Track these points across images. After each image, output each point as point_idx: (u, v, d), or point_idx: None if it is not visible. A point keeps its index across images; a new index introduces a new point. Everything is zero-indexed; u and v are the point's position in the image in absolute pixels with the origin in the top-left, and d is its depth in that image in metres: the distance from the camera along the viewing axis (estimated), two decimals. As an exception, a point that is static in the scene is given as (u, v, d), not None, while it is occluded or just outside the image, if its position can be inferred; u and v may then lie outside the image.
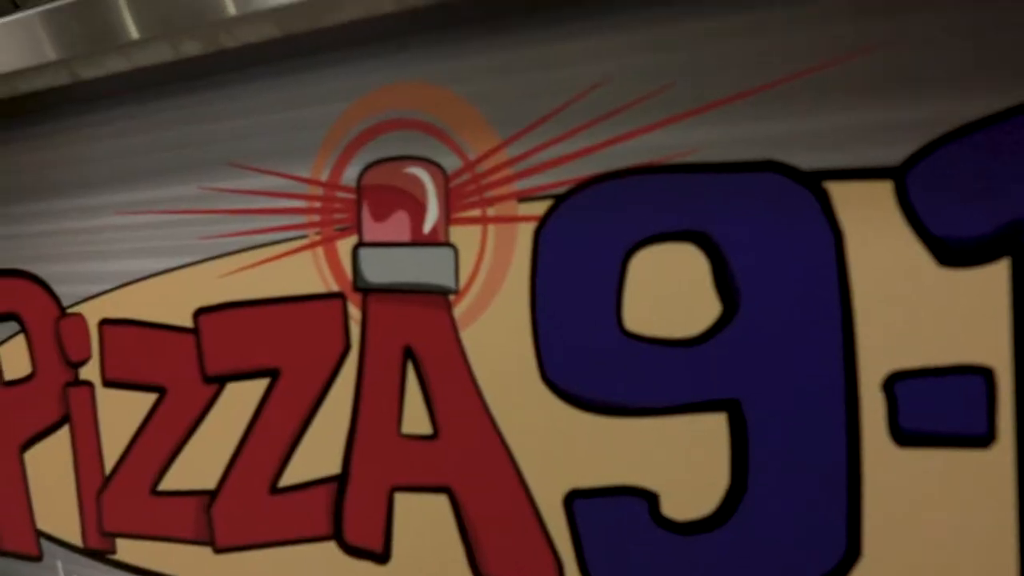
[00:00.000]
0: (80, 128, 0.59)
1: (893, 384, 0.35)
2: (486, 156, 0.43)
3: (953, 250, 0.34)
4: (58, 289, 0.63)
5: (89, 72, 0.54)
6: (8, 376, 0.67)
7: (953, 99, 0.34)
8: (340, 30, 0.47)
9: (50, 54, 0.52)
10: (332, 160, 0.48)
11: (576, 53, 0.41)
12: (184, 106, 0.54)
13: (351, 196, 0.48)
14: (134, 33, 0.48)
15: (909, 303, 0.35)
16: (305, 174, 0.49)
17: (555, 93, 0.41)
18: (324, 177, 0.49)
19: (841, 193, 0.36)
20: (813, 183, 0.36)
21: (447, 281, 0.45)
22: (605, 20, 0.40)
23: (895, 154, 0.35)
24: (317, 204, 0.49)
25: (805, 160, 0.36)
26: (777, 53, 0.36)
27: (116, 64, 0.52)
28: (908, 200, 0.34)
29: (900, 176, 0.34)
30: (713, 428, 0.39)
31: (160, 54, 0.50)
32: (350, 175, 0.48)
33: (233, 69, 0.51)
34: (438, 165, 0.45)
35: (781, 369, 0.37)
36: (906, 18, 0.34)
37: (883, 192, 0.35)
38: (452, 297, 0.45)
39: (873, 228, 0.35)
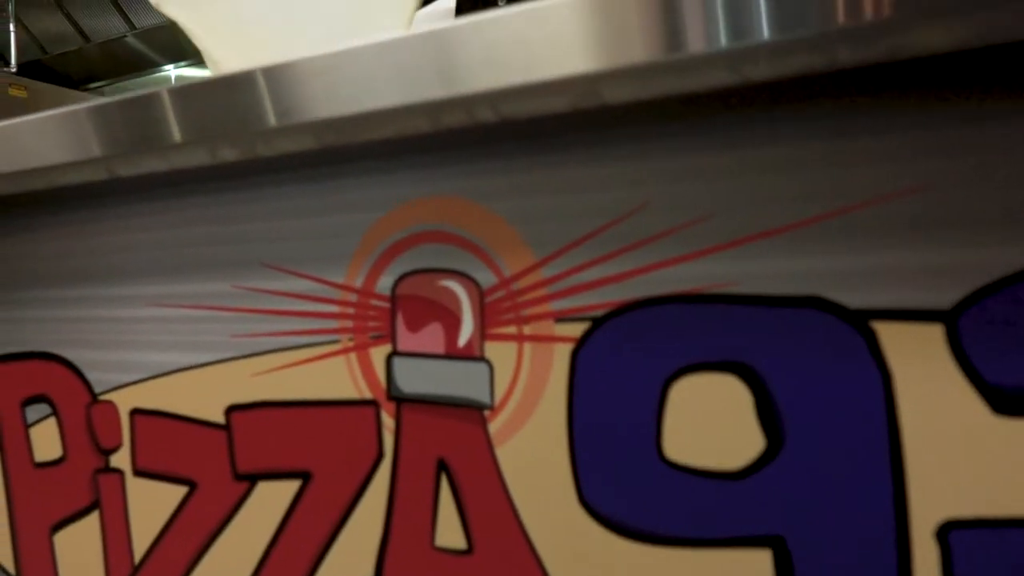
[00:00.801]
0: (115, 218, 0.59)
1: (947, 533, 0.34)
2: (521, 274, 0.43)
3: (1008, 399, 0.33)
4: (90, 375, 0.63)
5: (126, 171, 0.54)
6: (39, 458, 0.67)
7: (1006, 243, 0.33)
8: (377, 142, 0.47)
9: (94, 150, 0.52)
10: (366, 268, 0.48)
11: (614, 177, 0.40)
12: (218, 204, 0.54)
13: (385, 305, 0.48)
14: (177, 136, 0.48)
15: (963, 450, 0.34)
16: (339, 280, 0.49)
17: (592, 216, 0.41)
18: (358, 284, 0.48)
19: (889, 334, 0.35)
20: (860, 322, 0.35)
21: (482, 396, 0.45)
22: (644, 146, 0.39)
23: (945, 297, 0.34)
24: (351, 310, 0.49)
25: (851, 298, 0.35)
26: (821, 188, 0.36)
27: (153, 164, 0.52)
28: (960, 346, 0.34)
29: (951, 320, 0.34)
30: (757, 564, 0.38)
31: (196, 158, 0.50)
32: (384, 283, 0.47)
33: (269, 172, 0.51)
34: (473, 280, 0.45)
35: (828, 509, 0.36)
36: (956, 159, 0.33)
37: (933, 335, 0.34)
38: (487, 413, 0.45)
39: (923, 372, 0.34)
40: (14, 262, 0.67)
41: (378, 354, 0.48)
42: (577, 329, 0.42)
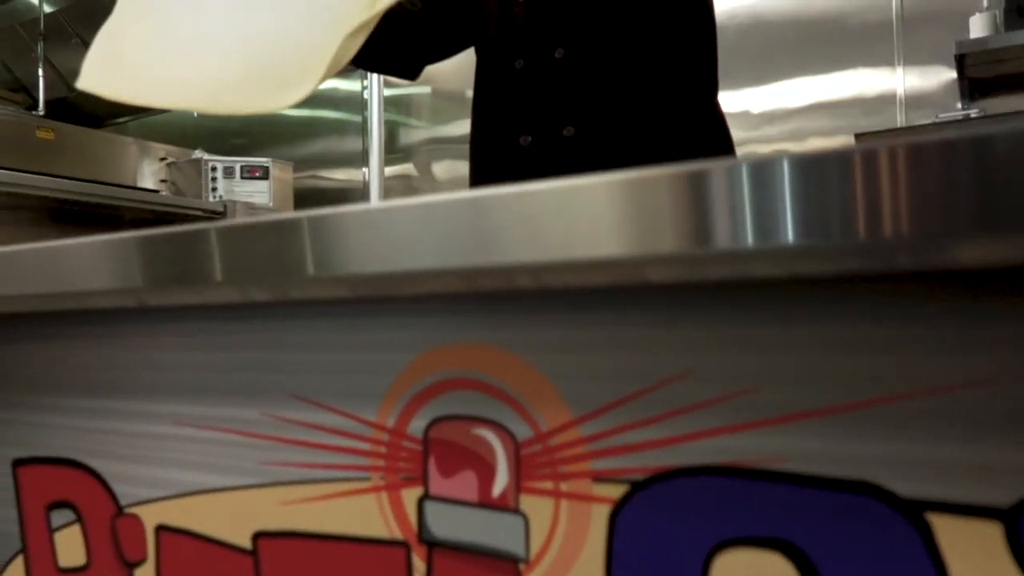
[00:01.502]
0: (145, 335, 0.59)
1: None
2: (558, 430, 0.42)
3: (1073, 608, 0.31)
4: (115, 487, 0.63)
5: (154, 301, 0.54)
6: (63, 563, 0.67)
7: (1068, 444, 0.32)
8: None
9: (135, 281, 0.52)
10: (398, 408, 0.47)
11: (654, 341, 0.39)
12: (248, 331, 0.54)
13: (417, 447, 0.47)
14: (218, 275, 0.47)
15: (1024, 658, 0.32)
16: (370, 418, 0.48)
17: (631, 378, 0.40)
18: (390, 424, 0.48)
19: (945, 528, 0.34)
20: (914, 513, 0.34)
21: (516, 549, 0.44)
22: (690, 312, 0.39)
23: (1004, 496, 0.33)
24: (382, 449, 0.48)
25: (905, 487, 0.34)
26: (878, 372, 0.35)
27: (185, 298, 0.52)
28: (1020, 546, 0.32)
29: (1011, 520, 0.32)
30: None
31: (227, 296, 0.50)
32: (416, 426, 0.47)
33: (301, 305, 0.51)
34: (508, 431, 0.44)
35: None
36: (1022, 356, 0.32)
37: (992, 534, 0.33)
38: (522, 566, 0.44)
39: (981, 571, 0.33)
40: (44, 367, 0.67)
41: (409, 496, 0.47)
42: (616, 491, 0.41)
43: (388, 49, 1.34)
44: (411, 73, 1.42)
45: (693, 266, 0.34)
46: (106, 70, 0.92)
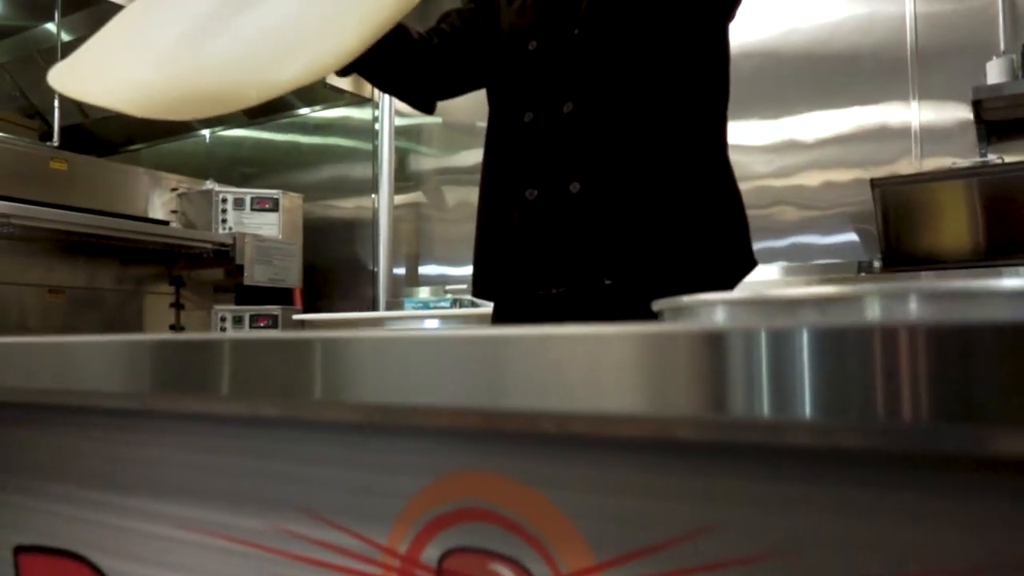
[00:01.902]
0: (155, 432, 0.58)
1: None
2: (580, 574, 0.40)
3: None
4: (118, 583, 0.61)
5: (161, 406, 0.52)
6: (63, 657, 0.65)
7: None
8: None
9: (143, 385, 0.50)
10: (411, 534, 0.45)
11: (680, 491, 0.38)
12: (257, 438, 0.52)
13: (431, 577, 0.45)
14: (225, 388, 0.46)
15: None
16: (382, 541, 0.47)
17: (656, 527, 0.38)
18: (402, 550, 0.46)
19: None
20: None
21: None
22: (720, 463, 0.37)
23: None
24: (394, 575, 0.46)
25: (952, 671, 0.32)
26: (915, 545, 0.33)
27: (190, 406, 0.50)
28: None
29: None
30: None
31: (235, 409, 0.48)
32: (430, 554, 0.45)
33: (312, 419, 0.49)
34: (527, 571, 0.42)
35: None
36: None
37: None
38: None
39: None
40: (51, 455, 0.65)
41: (422, 626, 0.45)
42: (640, 643, 0.39)
43: (406, 76, 1.34)
44: (426, 105, 1.42)
45: (710, 428, 0.32)
46: (73, 71, 0.99)
